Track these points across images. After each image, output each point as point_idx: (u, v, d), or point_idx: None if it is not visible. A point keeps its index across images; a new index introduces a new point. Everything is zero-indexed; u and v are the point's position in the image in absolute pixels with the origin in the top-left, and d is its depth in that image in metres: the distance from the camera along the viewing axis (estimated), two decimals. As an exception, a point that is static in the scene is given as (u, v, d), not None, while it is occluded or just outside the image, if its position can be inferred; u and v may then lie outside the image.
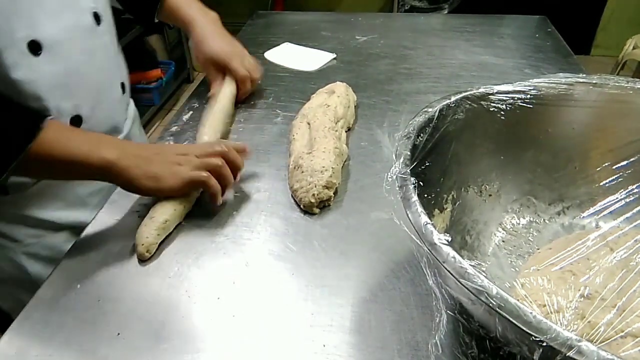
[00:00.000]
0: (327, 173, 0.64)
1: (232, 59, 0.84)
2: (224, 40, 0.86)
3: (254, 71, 0.87)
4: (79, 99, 0.67)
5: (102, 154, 0.57)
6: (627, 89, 0.54)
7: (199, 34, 0.85)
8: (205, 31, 0.85)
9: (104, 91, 0.73)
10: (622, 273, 0.46)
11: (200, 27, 0.85)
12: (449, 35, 1.18)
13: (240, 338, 0.49)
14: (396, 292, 0.53)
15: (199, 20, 0.86)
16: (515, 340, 0.32)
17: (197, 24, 0.86)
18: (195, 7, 0.88)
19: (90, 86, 0.70)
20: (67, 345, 0.48)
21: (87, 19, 0.68)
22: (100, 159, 0.56)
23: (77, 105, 0.67)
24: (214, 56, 0.84)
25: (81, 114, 0.68)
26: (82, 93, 0.68)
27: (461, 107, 0.53)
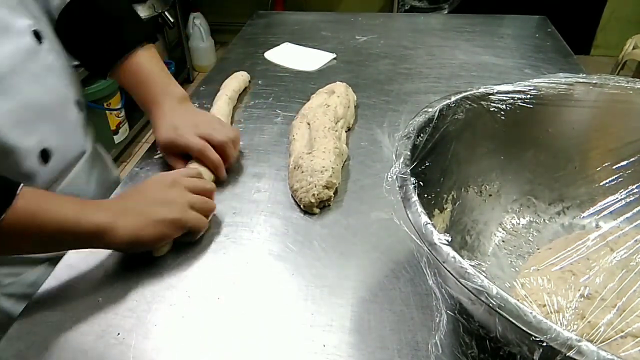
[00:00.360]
0: (327, 173, 0.64)
1: (180, 137, 0.68)
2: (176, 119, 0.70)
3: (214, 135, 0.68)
4: (41, 131, 0.62)
5: (91, 218, 0.51)
6: (627, 89, 0.54)
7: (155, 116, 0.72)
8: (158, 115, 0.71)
9: (62, 116, 0.67)
10: (622, 273, 0.46)
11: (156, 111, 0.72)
12: (449, 35, 1.18)
13: (240, 338, 0.49)
14: (396, 292, 0.53)
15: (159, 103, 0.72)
16: (515, 340, 0.32)
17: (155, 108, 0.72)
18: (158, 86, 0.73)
19: (48, 115, 0.64)
20: (67, 345, 0.48)
21: (27, 39, 0.61)
22: (92, 224, 0.51)
23: (41, 139, 0.62)
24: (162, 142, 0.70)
25: (47, 146, 0.63)
26: (43, 124, 0.62)
27: (461, 107, 0.53)
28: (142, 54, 0.74)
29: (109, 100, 2.04)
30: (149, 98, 0.73)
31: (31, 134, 0.60)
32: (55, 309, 0.52)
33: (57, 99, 0.65)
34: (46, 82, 0.63)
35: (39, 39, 0.63)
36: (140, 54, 0.73)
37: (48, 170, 0.63)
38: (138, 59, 0.73)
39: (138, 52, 0.73)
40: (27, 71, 0.60)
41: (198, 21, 2.89)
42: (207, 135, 0.68)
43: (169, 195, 0.57)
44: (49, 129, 0.63)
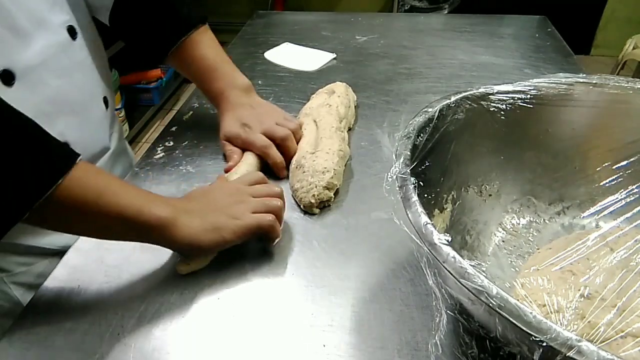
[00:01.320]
0: (329, 174, 0.63)
1: (245, 132, 0.70)
2: (242, 112, 0.72)
3: (277, 132, 0.69)
4: (62, 126, 0.62)
5: (154, 211, 0.50)
6: (627, 89, 0.54)
7: (221, 112, 0.74)
8: (226, 108, 0.73)
9: (87, 111, 0.67)
10: (622, 273, 0.46)
11: (223, 104, 0.73)
12: (449, 35, 1.18)
13: (240, 338, 0.49)
14: (396, 292, 0.53)
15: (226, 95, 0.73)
16: (515, 340, 0.32)
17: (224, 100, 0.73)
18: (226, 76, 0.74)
19: (72, 109, 0.64)
20: (67, 345, 0.48)
21: (62, 35, 0.62)
22: (154, 216, 0.50)
23: (61, 133, 0.61)
24: (227, 135, 0.72)
25: (67, 140, 0.62)
26: (65, 119, 0.63)
27: (461, 107, 0.53)
28: (200, 38, 0.73)
29: (109, 100, 2.04)
30: (214, 88, 0.74)
31: (52, 126, 0.59)
32: (55, 308, 0.52)
33: (83, 95, 0.66)
34: (75, 77, 0.64)
35: (73, 35, 0.64)
36: (198, 39, 0.73)
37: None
38: (197, 44, 0.73)
39: (195, 36, 0.73)
40: (57, 65, 0.61)
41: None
42: (270, 132, 0.69)
43: (232, 203, 0.56)
44: (71, 124, 0.63)
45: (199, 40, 0.73)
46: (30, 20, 0.57)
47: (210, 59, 0.74)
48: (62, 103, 0.62)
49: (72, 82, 0.64)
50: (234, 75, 0.75)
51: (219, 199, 0.56)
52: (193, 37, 0.73)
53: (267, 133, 0.69)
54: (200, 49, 0.73)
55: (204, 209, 0.54)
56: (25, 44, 0.57)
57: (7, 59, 0.54)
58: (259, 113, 0.73)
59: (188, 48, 0.73)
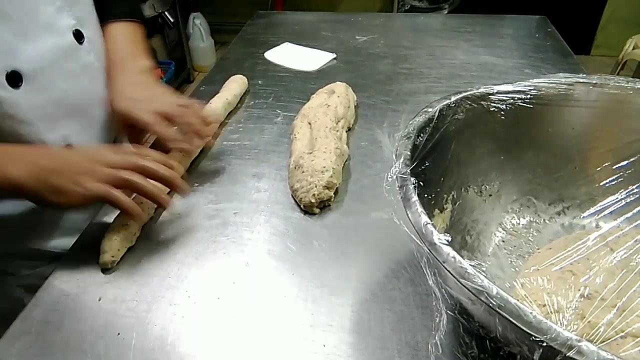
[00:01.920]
0: (328, 173, 0.64)
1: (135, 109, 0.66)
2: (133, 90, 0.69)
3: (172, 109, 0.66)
4: (66, 128, 0.63)
5: (7, 173, 0.51)
6: (627, 89, 0.54)
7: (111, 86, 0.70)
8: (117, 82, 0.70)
9: (92, 115, 0.68)
10: (622, 273, 0.46)
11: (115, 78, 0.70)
12: (449, 35, 1.18)
13: (240, 338, 0.49)
14: (396, 292, 0.53)
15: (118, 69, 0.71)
16: (515, 340, 0.32)
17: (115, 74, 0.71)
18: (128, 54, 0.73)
19: (78, 112, 0.65)
20: (67, 345, 0.48)
21: (68, 39, 0.63)
22: (6, 180, 0.51)
23: (65, 135, 0.63)
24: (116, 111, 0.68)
25: (71, 143, 0.64)
26: (70, 121, 0.63)
27: (461, 107, 0.53)
28: (121, 25, 0.74)
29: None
30: (111, 64, 0.71)
31: (57, 128, 0.61)
32: (55, 309, 0.52)
33: (88, 98, 0.67)
34: (81, 81, 0.65)
35: (79, 39, 0.65)
36: (119, 26, 0.74)
37: None
38: (115, 29, 0.74)
39: (118, 24, 0.74)
40: (63, 69, 0.61)
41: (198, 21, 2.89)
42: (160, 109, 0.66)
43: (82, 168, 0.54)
44: (75, 126, 0.64)
45: (118, 26, 0.74)
46: (37, 23, 0.58)
47: (116, 38, 0.73)
48: (67, 106, 0.63)
49: (78, 85, 0.64)
50: (135, 55, 0.74)
51: (75, 161, 0.55)
52: (115, 24, 0.74)
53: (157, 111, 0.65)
54: (114, 32, 0.74)
55: (56, 167, 0.53)
56: (32, 46, 0.57)
57: (15, 61, 0.55)
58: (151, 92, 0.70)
59: (106, 31, 0.73)
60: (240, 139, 0.80)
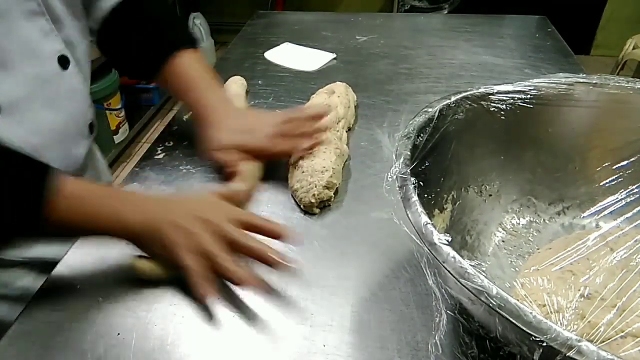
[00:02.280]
0: (328, 173, 0.64)
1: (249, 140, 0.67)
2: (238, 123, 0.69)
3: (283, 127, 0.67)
4: (47, 157, 0.57)
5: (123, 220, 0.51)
6: (627, 89, 0.54)
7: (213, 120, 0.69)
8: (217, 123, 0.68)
9: (73, 141, 0.65)
10: (622, 273, 0.46)
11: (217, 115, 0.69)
12: (449, 35, 1.18)
13: (240, 338, 0.49)
14: (396, 292, 0.53)
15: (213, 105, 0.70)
16: (515, 340, 0.32)
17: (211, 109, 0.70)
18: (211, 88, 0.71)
19: (60, 140, 0.62)
20: (67, 345, 0.48)
21: (51, 66, 0.60)
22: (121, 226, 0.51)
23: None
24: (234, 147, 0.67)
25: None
26: (50, 151, 0.60)
27: (461, 107, 0.53)
28: (185, 59, 0.72)
29: (109, 100, 2.04)
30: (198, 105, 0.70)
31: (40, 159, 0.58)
32: (55, 309, 0.52)
33: (70, 126, 0.64)
34: (63, 106, 0.62)
35: (65, 64, 0.62)
36: (184, 57, 0.72)
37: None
38: (182, 62, 0.71)
39: (182, 56, 0.71)
40: (44, 98, 0.59)
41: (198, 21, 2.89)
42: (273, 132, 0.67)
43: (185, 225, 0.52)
44: (55, 156, 0.61)
45: (183, 61, 0.71)
46: (20, 51, 0.56)
47: (192, 75, 0.72)
48: (49, 134, 0.61)
49: (59, 114, 0.62)
50: (218, 88, 0.73)
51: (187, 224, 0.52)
52: (177, 57, 0.71)
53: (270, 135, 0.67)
54: (183, 66, 0.71)
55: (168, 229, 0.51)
56: (11, 75, 0.55)
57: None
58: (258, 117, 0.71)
59: (173, 66, 0.71)
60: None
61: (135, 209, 0.53)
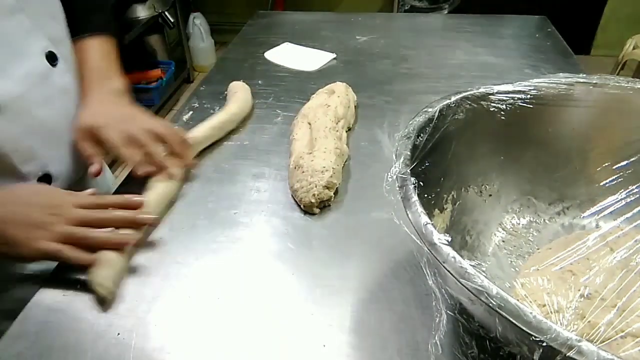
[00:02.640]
0: (328, 173, 0.64)
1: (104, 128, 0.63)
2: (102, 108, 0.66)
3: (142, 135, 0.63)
4: (44, 156, 0.60)
5: None
6: (627, 89, 0.54)
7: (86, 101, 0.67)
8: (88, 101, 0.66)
9: (69, 138, 0.64)
10: (622, 273, 0.46)
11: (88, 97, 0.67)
12: (449, 35, 1.18)
13: (240, 338, 0.49)
14: (396, 292, 0.53)
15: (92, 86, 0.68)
16: (515, 340, 0.32)
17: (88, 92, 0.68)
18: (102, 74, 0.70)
19: (55, 138, 0.62)
20: (67, 345, 0.48)
21: (41, 63, 0.60)
22: None
23: (44, 164, 0.61)
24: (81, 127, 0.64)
25: (49, 171, 0.61)
26: (47, 149, 0.61)
27: (461, 107, 0.53)
28: (95, 41, 0.71)
29: (109, 100, 2.04)
30: (85, 82, 0.69)
31: (34, 159, 0.59)
32: (55, 309, 0.52)
33: (66, 122, 0.64)
34: (57, 105, 0.62)
35: (53, 61, 0.61)
36: (93, 42, 0.71)
37: None
38: (88, 45, 0.71)
39: (91, 39, 0.71)
40: (37, 95, 0.59)
41: (198, 21, 2.89)
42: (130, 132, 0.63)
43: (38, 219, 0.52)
44: (53, 155, 0.62)
45: (92, 41, 0.71)
46: (7, 51, 0.56)
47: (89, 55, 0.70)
48: (44, 134, 0.60)
49: (54, 111, 0.62)
50: (108, 74, 0.70)
51: (28, 210, 0.52)
52: (88, 39, 0.71)
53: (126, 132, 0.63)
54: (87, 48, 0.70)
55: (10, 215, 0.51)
56: (4, 75, 0.55)
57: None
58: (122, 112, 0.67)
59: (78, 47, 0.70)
60: (240, 139, 0.80)
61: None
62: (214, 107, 0.87)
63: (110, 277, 0.52)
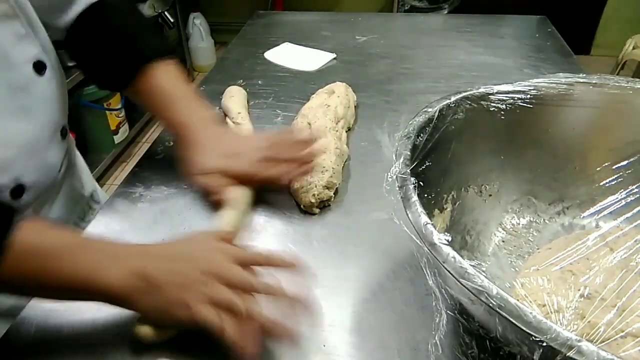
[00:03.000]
0: (328, 173, 0.64)
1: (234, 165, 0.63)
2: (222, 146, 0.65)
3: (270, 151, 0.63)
4: (18, 169, 0.55)
5: (105, 280, 0.44)
6: (627, 89, 0.54)
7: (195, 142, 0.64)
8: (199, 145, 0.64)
9: (45, 148, 0.60)
10: (622, 273, 0.46)
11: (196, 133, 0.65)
12: (449, 35, 1.18)
13: (240, 338, 0.49)
14: (396, 292, 0.52)
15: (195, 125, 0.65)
16: (515, 340, 0.32)
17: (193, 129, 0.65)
18: (191, 106, 0.67)
19: (31, 150, 0.57)
20: (68, 345, 0.48)
21: (25, 72, 0.56)
22: (104, 286, 0.44)
23: (17, 176, 0.55)
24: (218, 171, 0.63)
25: (23, 182, 0.56)
26: (23, 163, 0.56)
27: (461, 107, 0.53)
28: (161, 70, 0.67)
29: (108, 100, 2.04)
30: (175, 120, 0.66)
31: (6, 173, 0.54)
32: (55, 308, 0.52)
33: (44, 132, 0.59)
34: (36, 115, 0.58)
35: (41, 70, 0.58)
36: (159, 70, 0.66)
37: (21, 205, 0.57)
38: (157, 75, 0.66)
39: (156, 67, 0.66)
40: (15, 107, 0.55)
41: (198, 21, 2.89)
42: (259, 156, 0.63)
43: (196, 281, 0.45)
44: (28, 166, 0.57)
45: (158, 73, 0.66)
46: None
47: (168, 90, 0.66)
48: (20, 146, 0.55)
49: (32, 121, 0.57)
50: (198, 106, 0.67)
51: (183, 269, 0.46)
52: (151, 69, 0.66)
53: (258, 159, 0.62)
54: (157, 79, 0.66)
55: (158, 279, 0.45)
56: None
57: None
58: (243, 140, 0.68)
59: (147, 81, 0.66)
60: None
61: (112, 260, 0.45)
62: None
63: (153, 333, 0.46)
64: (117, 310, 0.47)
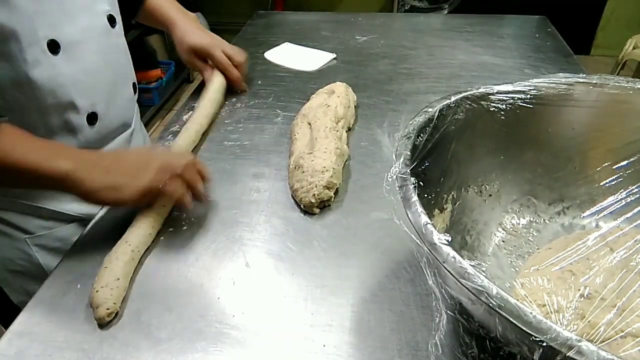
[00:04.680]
0: (328, 173, 0.64)
1: (212, 48, 0.90)
2: (203, 33, 0.92)
3: (236, 56, 0.91)
4: (94, 97, 0.70)
5: (56, 163, 0.55)
6: (627, 89, 0.54)
7: (181, 29, 0.91)
8: (185, 27, 0.91)
9: (117, 90, 0.76)
10: (622, 273, 0.46)
11: (181, 24, 0.91)
12: (449, 35, 1.18)
13: (240, 338, 0.49)
14: (396, 292, 0.53)
15: (179, 19, 0.92)
16: (515, 340, 0.32)
17: (178, 23, 0.91)
18: (174, 7, 0.93)
19: (105, 85, 0.72)
20: (67, 345, 0.48)
21: (102, 21, 0.71)
22: (54, 169, 0.55)
23: (93, 103, 0.70)
24: (196, 46, 0.90)
25: (97, 111, 0.71)
26: (98, 91, 0.71)
27: (461, 107, 0.53)
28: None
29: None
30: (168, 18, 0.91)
31: (85, 97, 0.68)
32: (55, 308, 0.52)
33: (116, 75, 0.75)
34: (110, 58, 0.73)
35: (112, 22, 0.73)
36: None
37: (93, 132, 0.71)
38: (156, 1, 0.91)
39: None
40: (95, 45, 0.69)
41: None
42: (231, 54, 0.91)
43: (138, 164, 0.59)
44: (102, 97, 0.71)
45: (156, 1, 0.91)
46: (77, 4, 0.66)
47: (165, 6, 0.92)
48: (97, 77, 0.70)
49: (107, 62, 0.72)
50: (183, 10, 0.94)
51: (129, 159, 0.61)
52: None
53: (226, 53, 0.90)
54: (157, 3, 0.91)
55: (109, 166, 0.58)
56: (71, 22, 0.65)
57: (56, 32, 0.63)
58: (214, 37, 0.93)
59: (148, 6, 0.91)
60: (240, 139, 0.80)
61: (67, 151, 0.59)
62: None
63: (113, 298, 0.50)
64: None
